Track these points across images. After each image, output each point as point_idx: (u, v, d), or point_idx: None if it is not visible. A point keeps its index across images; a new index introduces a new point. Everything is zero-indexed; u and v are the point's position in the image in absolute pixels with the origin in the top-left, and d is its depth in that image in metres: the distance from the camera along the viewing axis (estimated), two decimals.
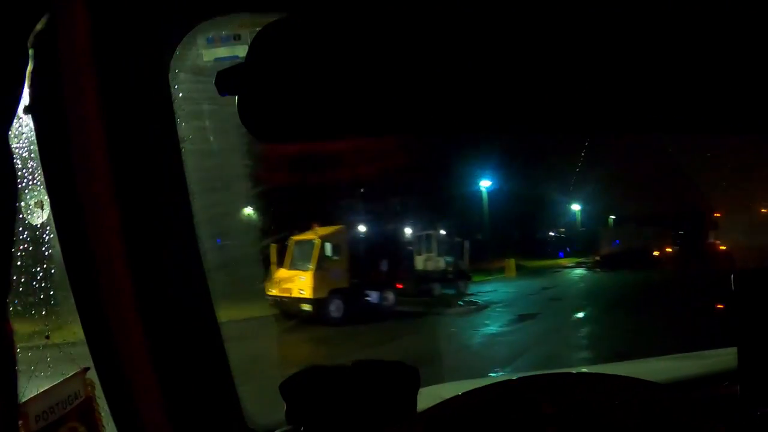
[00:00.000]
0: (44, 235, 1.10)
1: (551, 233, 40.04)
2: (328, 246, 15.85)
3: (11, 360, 0.79)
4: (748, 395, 1.35)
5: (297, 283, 15.23)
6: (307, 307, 14.88)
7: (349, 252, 16.19)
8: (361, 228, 19.04)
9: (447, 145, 23.45)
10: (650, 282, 21.90)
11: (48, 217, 1.04)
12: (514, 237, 35.75)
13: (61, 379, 1.09)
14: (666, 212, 34.82)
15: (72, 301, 1.05)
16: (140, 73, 1.01)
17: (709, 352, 2.31)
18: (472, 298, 18.87)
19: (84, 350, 1.08)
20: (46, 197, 1.03)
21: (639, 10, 0.89)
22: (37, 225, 1.08)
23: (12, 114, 0.83)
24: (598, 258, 33.24)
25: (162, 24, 1.04)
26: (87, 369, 1.09)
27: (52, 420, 1.04)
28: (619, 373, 1.29)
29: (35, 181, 1.05)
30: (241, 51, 1.07)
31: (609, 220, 40.16)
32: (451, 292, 19.31)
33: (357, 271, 16.00)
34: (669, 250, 33.95)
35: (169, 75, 1.07)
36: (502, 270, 27.95)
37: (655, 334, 9.51)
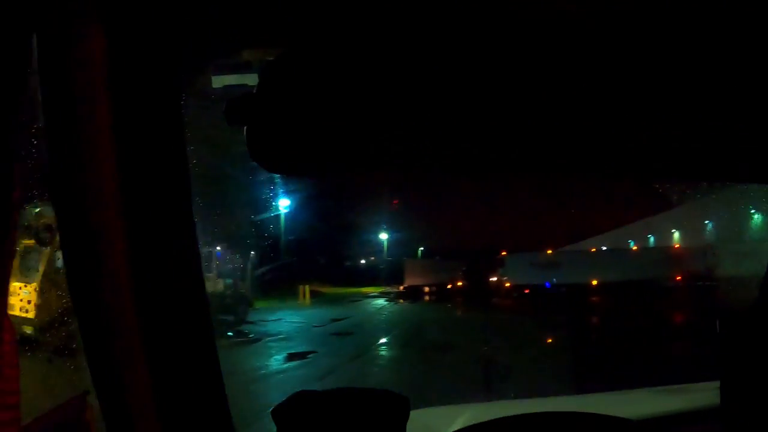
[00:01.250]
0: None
1: (360, 261, 39.11)
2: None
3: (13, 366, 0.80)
4: None
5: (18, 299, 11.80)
6: (29, 330, 11.34)
7: None
8: None
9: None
10: (442, 317, 22.14)
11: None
12: (318, 262, 33.94)
13: (60, 403, 1.11)
14: (468, 248, 35.37)
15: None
16: (152, 99, 1.04)
17: (690, 386, 2.52)
18: (248, 327, 17.61)
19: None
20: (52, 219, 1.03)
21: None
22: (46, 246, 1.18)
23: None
24: (402, 288, 32.94)
25: (175, 54, 1.07)
26: (87, 393, 1.10)
27: None
28: (596, 408, 1.39)
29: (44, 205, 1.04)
30: (251, 80, 1.15)
31: (418, 251, 40.25)
32: (228, 318, 17.74)
33: None
34: (460, 284, 35.33)
35: (180, 101, 1.10)
36: (297, 296, 25.95)
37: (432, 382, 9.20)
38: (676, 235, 41.36)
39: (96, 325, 1.01)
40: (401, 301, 30.12)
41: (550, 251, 33.93)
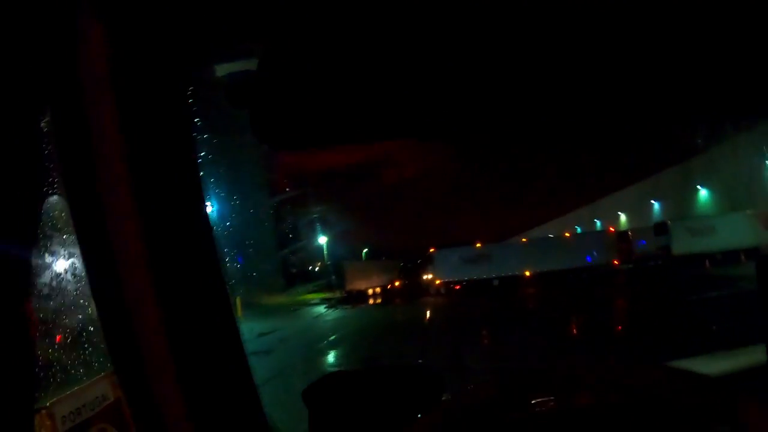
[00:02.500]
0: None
1: (302, 267, 36.73)
2: None
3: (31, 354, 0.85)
4: None
5: None
6: None
7: None
8: None
9: None
10: (378, 322, 21.13)
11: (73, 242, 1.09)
12: (255, 270, 31.42)
13: (88, 381, 1.15)
14: (414, 246, 34.18)
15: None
16: (158, 90, 1.08)
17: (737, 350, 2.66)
18: None
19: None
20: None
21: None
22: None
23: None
24: (345, 293, 30.86)
25: (178, 46, 1.12)
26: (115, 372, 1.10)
27: (79, 421, 1.09)
28: None
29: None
30: (253, 66, 1.15)
31: (363, 253, 38.09)
32: None
33: None
34: (397, 284, 34.27)
35: (186, 90, 1.15)
36: None
37: None
38: (623, 217, 40.83)
39: (121, 329, 1.02)
40: (342, 306, 28.01)
41: (479, 244, 32.98)
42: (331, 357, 14.54)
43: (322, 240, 34.66)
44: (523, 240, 34.40)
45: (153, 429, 1.01)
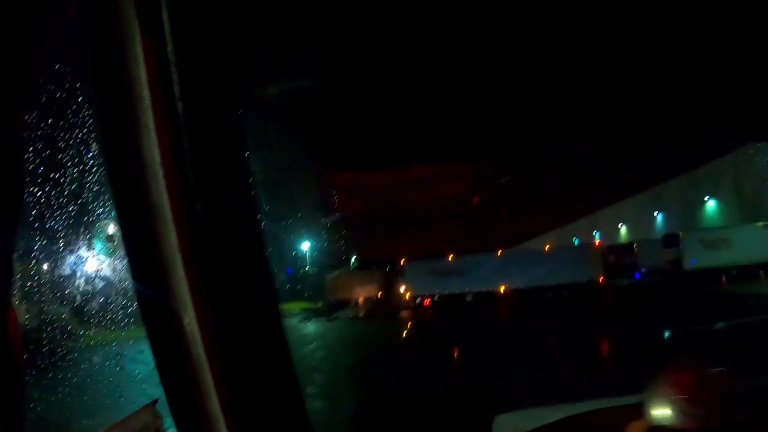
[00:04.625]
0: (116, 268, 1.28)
1: (283, 273, 34.33)
2: None
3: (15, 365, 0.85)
4: None
5: None
6: None
7: None
8: None
9: None
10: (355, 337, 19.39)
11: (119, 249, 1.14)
12: None
13: (133, 411, 1.16)
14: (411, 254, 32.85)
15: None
16: (211, 107, 1.09)
17: None
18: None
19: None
20: (116, 230, 1.09)
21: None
22: (108, 257, 1.28)
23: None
24: (324, 304, 28.69)
25: (233, 62, 1.14)
26: (156, 401, 1.14)
27: None
28: None
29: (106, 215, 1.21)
30: (306, 83, 1.19)
31: (351, 261, 35.75)
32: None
33: None
34: (380, 295, 32.26)
35: (239, 107, 1.17)
36: None
37: None
38: (623, 229, 39.04)
39: (165, 333, 1.04)
40: (317, 319, 25.70)
41: (451, 257, 30.92)
42: None
43: (305, 246, 32.29)
44: (499, 253, 31.44)
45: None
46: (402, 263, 30.84)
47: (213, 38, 1.06)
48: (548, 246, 33.34)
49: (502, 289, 28.89)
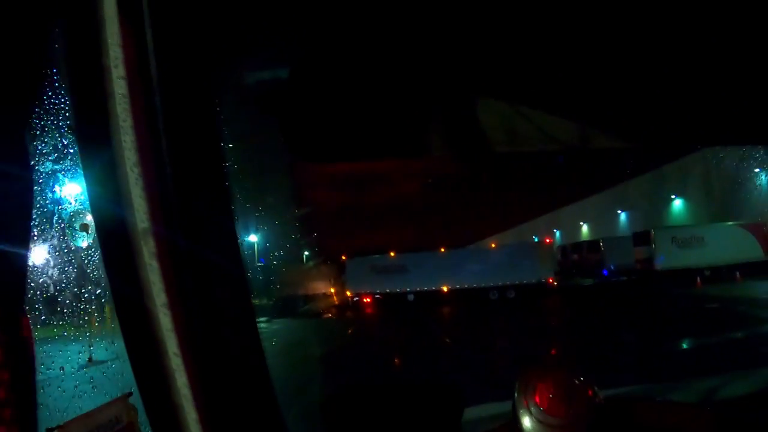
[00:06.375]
0: (90, 258, 1.32)
1: None
2: None
3: (30, 368, 0.86)
4: None
5: None
6: None
7: None
8: None
9: None
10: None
11: (93, 239, 1.14)
12: None
13: (103, 403, 1.14)
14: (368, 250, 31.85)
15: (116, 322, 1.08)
16: (185, 96, 1.08)
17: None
18: None
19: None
20: (90, 220, 1.14)
21: None
22: (82, 247, 1.29)
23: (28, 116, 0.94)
24: (271, 301, 26.95)
25: (207, 51, 1.13)
26: (129, 394, 1.13)
27: None
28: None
29: (80, 206, 1.24)
30: (283, 74, 1.20)
31: (304, 256, 33.79)
32: None
33: None
34: (332, 291, 30.95)
35: (214, 97, 1.17)
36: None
37: None
38: (585, 228, 38.73)
39: (138, 324, 1.03)
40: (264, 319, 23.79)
41: (393, 254, 30.06)
42: None
43: (253, 238, 29.99)
44: (442, 250, 30.54)
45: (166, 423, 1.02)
46: (343, 259, 29.76)
47: (192, 24, 1.05)
48: (494, 244, 32.53)
49: (445, 288, 28.06)
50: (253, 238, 31.64)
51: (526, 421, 1.36)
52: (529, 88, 1.17)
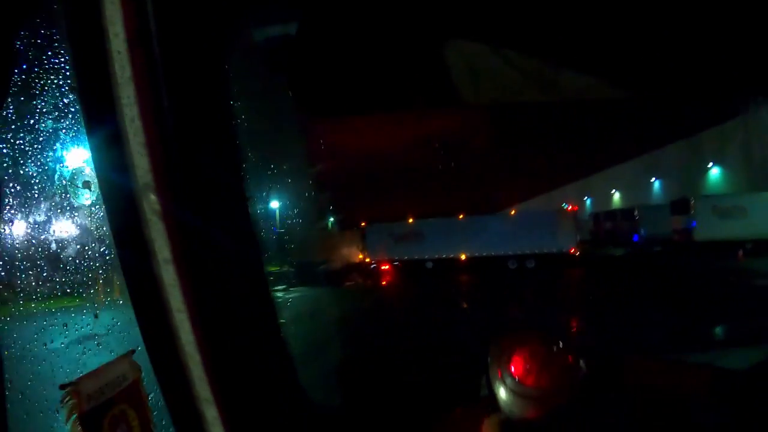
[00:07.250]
0: (94, 216, 1.25)
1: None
2: None
3: None
4: None
5: None
6: None
7: None
8: None
9: None
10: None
11: (97, 197, 1.11)
12: None
13: (110, 360, 1.15)
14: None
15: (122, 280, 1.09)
16: (193, 54, 1.07)
17: None
18: None
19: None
20: (93, 178, 1.10)
21: None
22: (85, 205, 1.23)
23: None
24: (292, 268, 26.62)
25: (216, 7, 1.12)
26: (133, 351, 1.13)
27: (102, 401, 1.08)
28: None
29: (82, 163, 1.20)
30: (292, 30, 1.19)
31: (329, 222, 33.49)
32: None
33: None
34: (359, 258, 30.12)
35: (220, 52, 1.16)
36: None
37: None
38: (617, 196, 38.01)
39: (141, 281, 1.03)
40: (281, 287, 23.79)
41: (411, 220, 29.42)
42: None
43: (275, 204, 30.06)
44: (460, 216, 29.61)
45: (180, 409, 1.02)
46: (363, 225, 29.17)
47: None
48: (514, 210, 31.76)
49: (463, 256, 27.61)
50: (274, 204, 31.66)
51: (502, 393, 1.26)
52: (563, 35, 1.13)
